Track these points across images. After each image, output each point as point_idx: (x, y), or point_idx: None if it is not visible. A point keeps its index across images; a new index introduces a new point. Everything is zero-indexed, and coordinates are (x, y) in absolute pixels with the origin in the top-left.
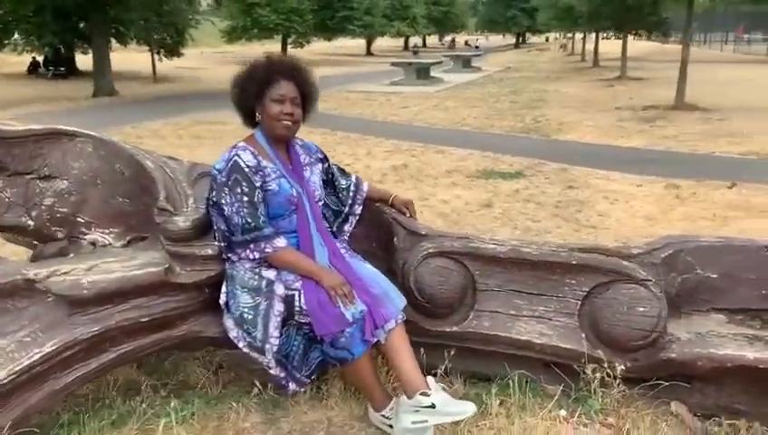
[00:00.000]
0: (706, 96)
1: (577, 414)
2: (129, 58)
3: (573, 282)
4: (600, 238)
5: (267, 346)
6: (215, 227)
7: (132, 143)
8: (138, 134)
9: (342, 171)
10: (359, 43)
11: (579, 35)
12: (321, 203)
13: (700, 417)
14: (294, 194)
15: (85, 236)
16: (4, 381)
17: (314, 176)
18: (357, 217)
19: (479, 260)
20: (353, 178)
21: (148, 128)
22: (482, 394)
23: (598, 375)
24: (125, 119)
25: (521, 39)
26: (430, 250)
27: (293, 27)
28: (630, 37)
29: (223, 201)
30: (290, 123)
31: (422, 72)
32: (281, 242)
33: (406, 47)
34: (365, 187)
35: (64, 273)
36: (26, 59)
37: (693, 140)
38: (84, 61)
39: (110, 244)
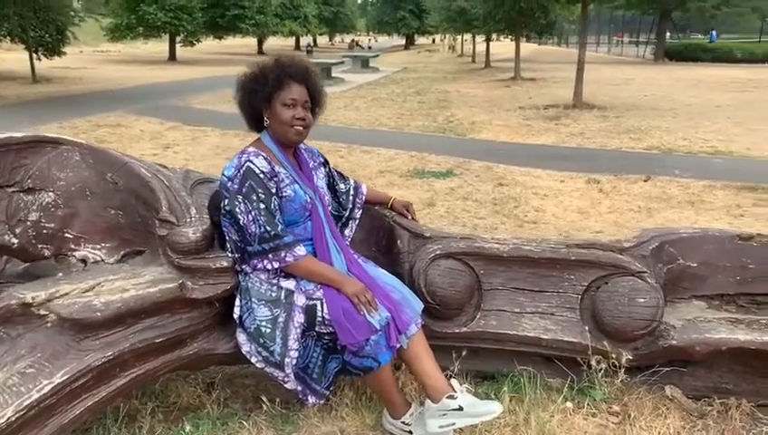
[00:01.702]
0: (598, 95)
1: (585, 405)
2: None
3: (573, 277)
4: (543, 232)
5: (287, 360)
6: (227, 238)
7: None
8: None
9: (341, 175)
10: (248, 42)
11: (466, 37)
12: (330, 208)
13: (692, 398)
14: (308, 199)
15: (74, 253)
16: (12, 419)
17: (320, 180)
18: (357, 222)
19: (482, 260)
20: (352, 182)
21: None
22: (489, 392)
23: (603, 366)
24: (14, 122)
25: (409, 40)
26: (437, 252)
27: (182, 25)
28: (508, 39)
29: (237, 210)
30: (302, 128)
31: (324, 73)
32: (301, 250)
33: (297, 47)
34: (364, 189)
35: (65, 294)
36: None
37: (598, 136)
38: None
39: (103, 260)
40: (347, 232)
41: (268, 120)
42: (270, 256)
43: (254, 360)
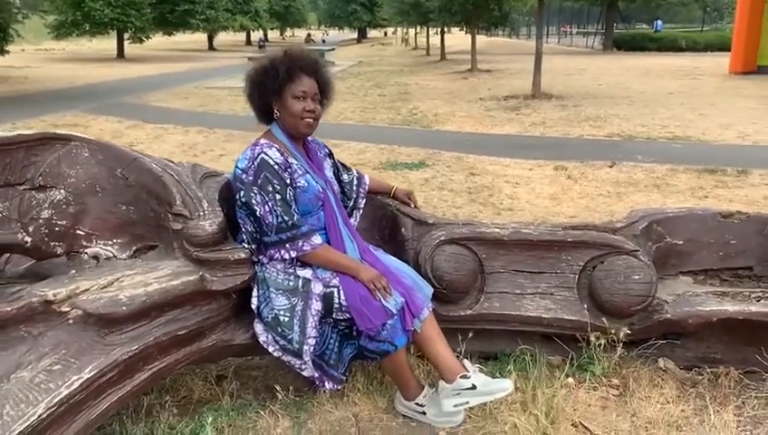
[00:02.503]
0: (555, 85)
1: (586, 380)
2: None
3: (569, 258)
4: (521, 219)
5: (305, 347)
6: (242, 229)
7: None
8: None
9: (344, 165)
10: (198, 38)
11: (418, 29)
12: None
13: (684, 369)
14: (321, 189)
15: (86, 250)
16: (44, 416)
17: (328, 171)
18: (361, 211)
19: (484, 244)
20: (354, 172)
21: None
22: (494, 372)
23: (602, 341)
24: None
25: (361, 34)
26: (442, 238)
27: (130, 22)
28: (461, 32)
29: (253, 201)
30: (312, 120)
31: None
32: (318, 239)
33: (248, 42)
34: (367, 179)
35: (85, 290)
36: None
37: (559, 125)
38: None
39: (115, 256)
40: (351, 222)
41: (278, 113)
42: (287, 245)
43: (271, 349)
